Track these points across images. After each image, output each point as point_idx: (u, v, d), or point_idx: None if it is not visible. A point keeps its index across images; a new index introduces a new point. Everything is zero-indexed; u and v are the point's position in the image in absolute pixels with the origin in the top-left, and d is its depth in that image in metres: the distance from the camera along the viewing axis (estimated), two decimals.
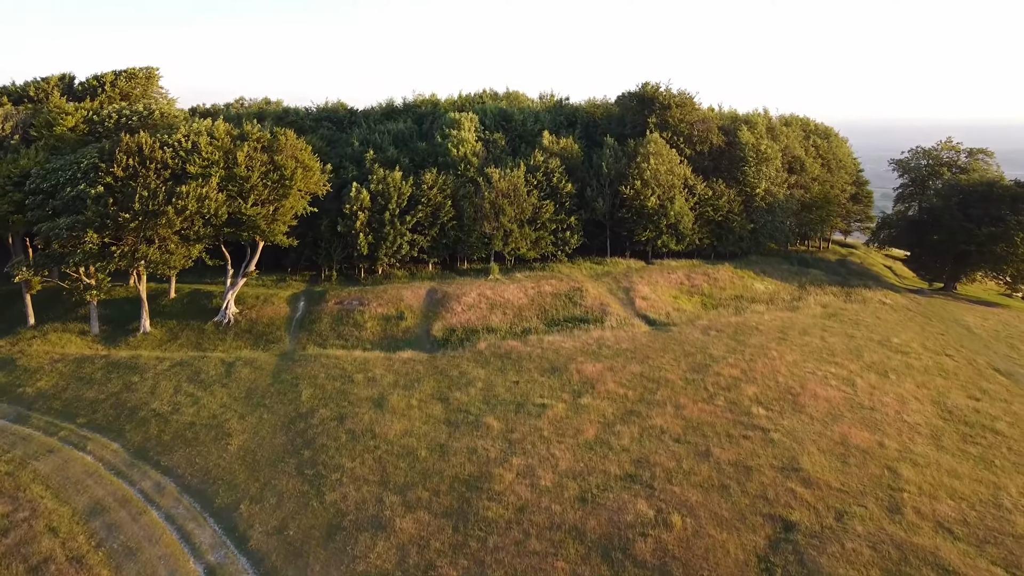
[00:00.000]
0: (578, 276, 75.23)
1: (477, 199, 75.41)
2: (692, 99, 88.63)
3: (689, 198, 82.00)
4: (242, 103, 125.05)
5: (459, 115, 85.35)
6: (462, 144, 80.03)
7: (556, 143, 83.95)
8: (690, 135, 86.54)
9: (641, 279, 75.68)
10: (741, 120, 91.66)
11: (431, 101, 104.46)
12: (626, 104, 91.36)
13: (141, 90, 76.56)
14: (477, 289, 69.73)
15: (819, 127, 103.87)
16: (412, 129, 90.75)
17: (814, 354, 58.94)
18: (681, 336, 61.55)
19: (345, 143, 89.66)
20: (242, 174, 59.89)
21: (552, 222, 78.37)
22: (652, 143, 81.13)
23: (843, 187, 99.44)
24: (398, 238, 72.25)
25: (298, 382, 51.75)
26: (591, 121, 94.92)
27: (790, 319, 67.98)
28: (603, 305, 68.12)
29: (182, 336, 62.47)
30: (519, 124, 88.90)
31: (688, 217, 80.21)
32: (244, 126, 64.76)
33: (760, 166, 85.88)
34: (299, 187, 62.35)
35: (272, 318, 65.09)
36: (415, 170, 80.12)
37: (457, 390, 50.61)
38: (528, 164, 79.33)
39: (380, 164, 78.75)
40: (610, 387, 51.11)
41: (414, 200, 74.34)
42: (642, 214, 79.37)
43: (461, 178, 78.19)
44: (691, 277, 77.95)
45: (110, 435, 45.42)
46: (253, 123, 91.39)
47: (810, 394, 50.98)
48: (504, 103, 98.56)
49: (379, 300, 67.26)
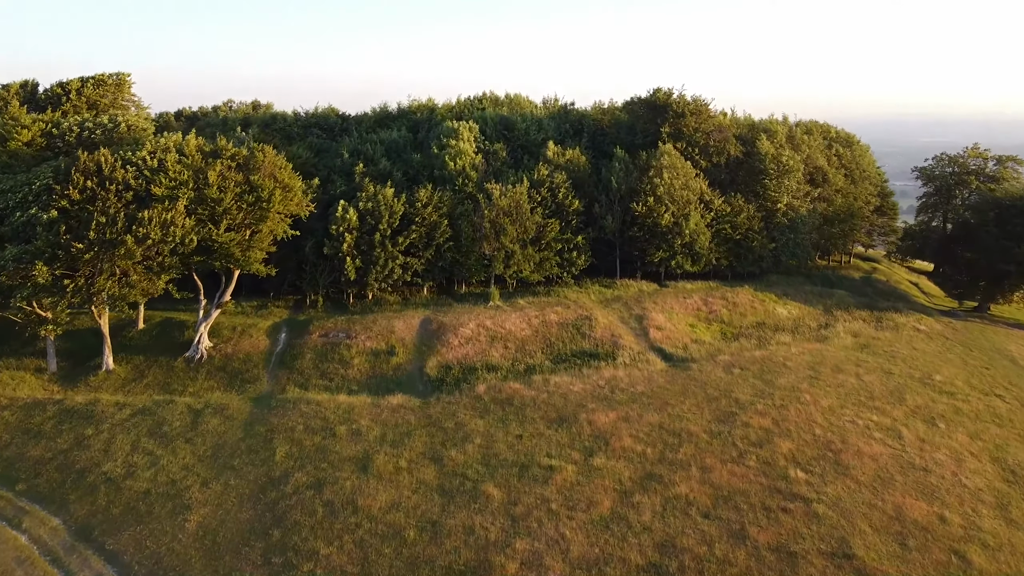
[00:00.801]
0: (586, 302, 69.09)
1: (476, 218, 69.27)
2: (707, 106, 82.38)
3: (705, 214, 75.83)
4: (230, 106, 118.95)
5: (457, 124, 79.19)
6: (460, 156, 73.88)
7: (561, 155, 77.78)
8: (706, 145, 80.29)
9: (655, 305, 69.55)
10: (759, 128, 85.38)
11: (427, 107, 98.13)
12: (636, 112, 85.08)
13: (111, 98, 70.18)
14: (476, 319, 63.62)
15: (841, 134, 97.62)
16: (406, 138, 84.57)
17: (851, 397, 52.89)
18: (702, 376, 55.46)
19: (334, 154, 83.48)
20: (213, 196, 53.77)
21: (557, 242, 72.22)
22: (666, 155, 74.90)
23: (867, 199, 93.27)
24: (389, 261, 66.11)
25: (273, 436, 45.68)
26: (598, 129, 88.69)
27: (820, 352, 61.86)
28: (614, 337, 62.01)
29: (149, 375, 56.43)
30: (521, 133, 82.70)
31: (704, 236, 74.02)
32: (218, 141, 58.51)
33: (781, 179, 79.68)
34: (278, 209, 56.18)
35: (249, 353, 58.99)
36: (408, 185, 74.01)
37: (452, 447, 44.55)
38: (531, 178, 73.17)
39: (371, 178, 72.59)
40: (626, 442, 45.05)
41: (407, 219, 68.18)
42: (655, 233, 73.18)
43: (459, 194, 72.03)
44: (708, 302, 71.82)
45: (52, 507, 39.43)
46: (232, 134, 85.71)
47: (853, 451, 44.92)
48: (505, 109, 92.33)
49: (368, 332, 61.15)
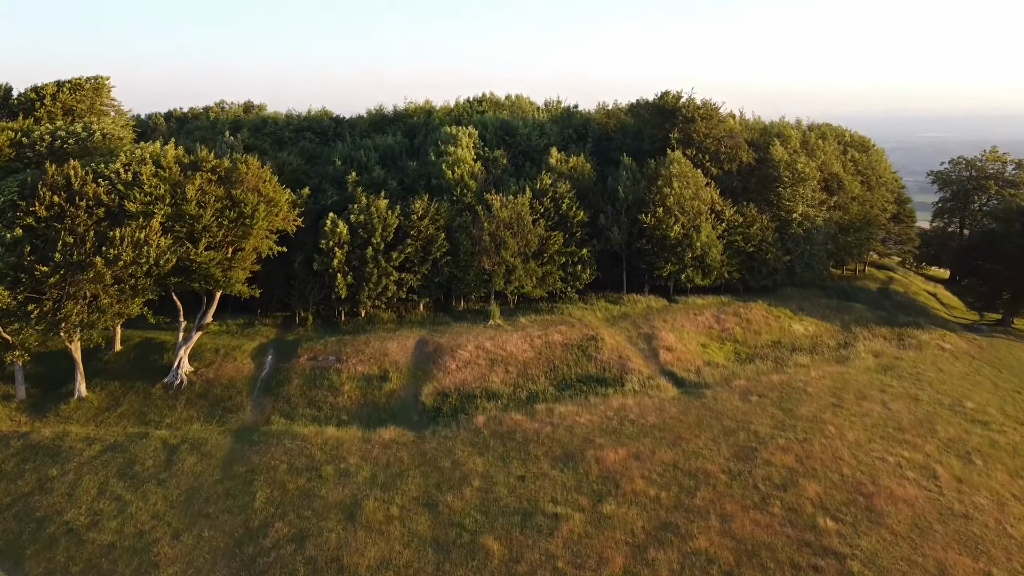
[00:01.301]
0: (591, 320, 65.28)
1: (475, 230, 65.40)
2: (718, 110, 78.43)
3: (716, 225, 71.91)
4: (222, 107, 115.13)
5: (455, 129, 75.23)
6: (458, 164, 69.96)
7: (565, 162, 73.84)
8: (716, 152, 76.33)
9: (664, 323, 65.71)
10: (772, 133, 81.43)
11: (424, 109, 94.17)
12: (643, 116, 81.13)
13: (88, 103, 66.22)
14: (475, 339, 59.81)
15: (856, 138, 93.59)
16: (402, 144, 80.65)
17: (879, 429, 49.13)
18: (717, 404, 51.68)
19: (326, 160, 79.60)
20: (192, 212, 49.92)
21: (561, 255, 68.34)
22: (675, 163, 70.95)
23: (883, 206, 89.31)
24: (383, 278, 62.25)
25: (253, 478, 41.92)
26: (603, 134, 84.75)
27: (841, 376, 58.08)
28: (622, 359, 58.22)
29: (124, 403, 52.68)
30: (523, 139, 78.75)
31: (716, 248, 70.11)
32: (199, 151, 54.62)
33: (796, 187, 75.75)
34: (262, 226, 52.33)
35: (233, 378, 55.22)
36: (404, 195, 70.14)
37: (449, 491, 40.81)
38: (533, 188, 69.24)
39: (364, 188, 68.71)
40: (638, 484, 41.32)
41: (402, 232, 64.31)
42: (664, 245, 69.28)
43: (457, 204, 68.14)
44: (720, 319, 67.99)
45: (7, 563, 35.79)
46: (221, 139, 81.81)
47: (886, 494, 41.17)
48: (506, 112, 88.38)
49: (359, 355, 57.36)
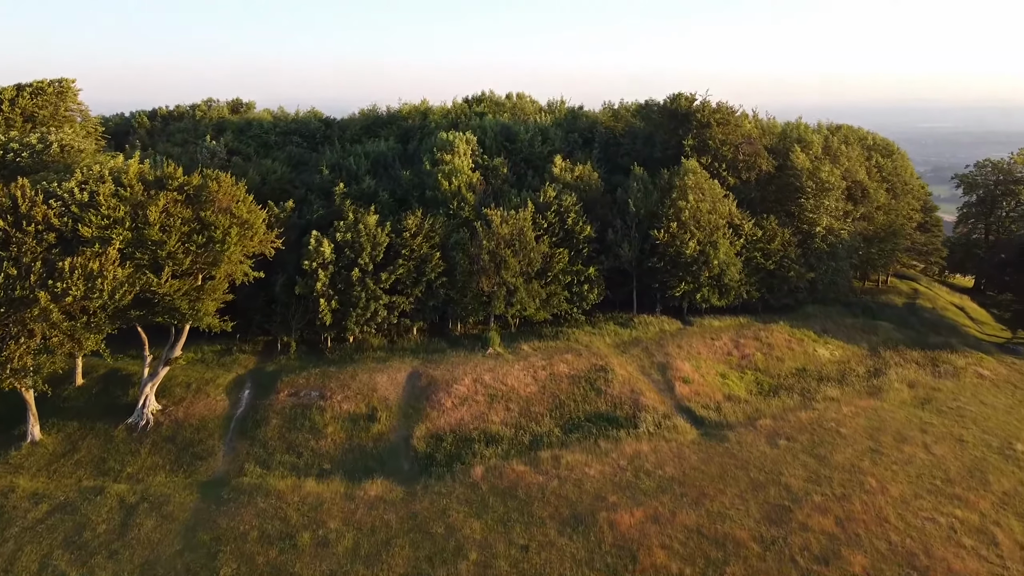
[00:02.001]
0: (600, 347, 59.91)
1: (473, 248, 59.97)
2: (735, 113, 72.79)
3: (734, 241, 66.43)
4: (209, 104, 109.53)
5: (452, 135, 69.67)
6: (455, 175, 64.44)
7: (570, 171, 68.33)
8: (734, 160, 70.78)
9: (679, 349, 60.36)
10: (791, 138, 75.80)
11: (420, 111, 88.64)
12: (654, 120, 75.50)
13: (51, 109, 60.64)
14: (473, 371, 54.51)
15: (879, 141, 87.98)
16: (395, 150, 75.10)
17: (925, 480, 43.90)
18: (742, 450, 46.41)
19: (314, 168, 74.13)
20: (155, 237, 44.50)
21: (566, 274, 62.92)
22: (690, 173, 65.40)
23: (909, 214, 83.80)
24: (371, 302, 56.86)
25: (219, 549, 36.69)
26: (611, 138, 79.21)
27: (876, 412, 52.82)
28: (634, 394, 52.93)
29: (82, 447, 47.40)
30: (525, 145, 73.15)
31: (735, 266, 64.65)
32: (164, 167, 49.10)
33: (820, 197, 70.21)
34: (235, 251, 46.90)
35: (205, 418, 49.93)
36: (396, 207, 64.68)
37: (442, 565, 35.65)
38: (536, 201, 63.75)
39: (352, 200, 63.27)
40: (658, 557, 36.14)
41: (393, 251, 58.89)
42: (678, 263, 63.84)
43: (453, 219, 62.67)
44: (740, 344, 62.60)
45: None
46: (202, 143, 76.22)
47: (943, 569, 35.97)
48: (507, 115, 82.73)
49: (345, 390, 52.04)
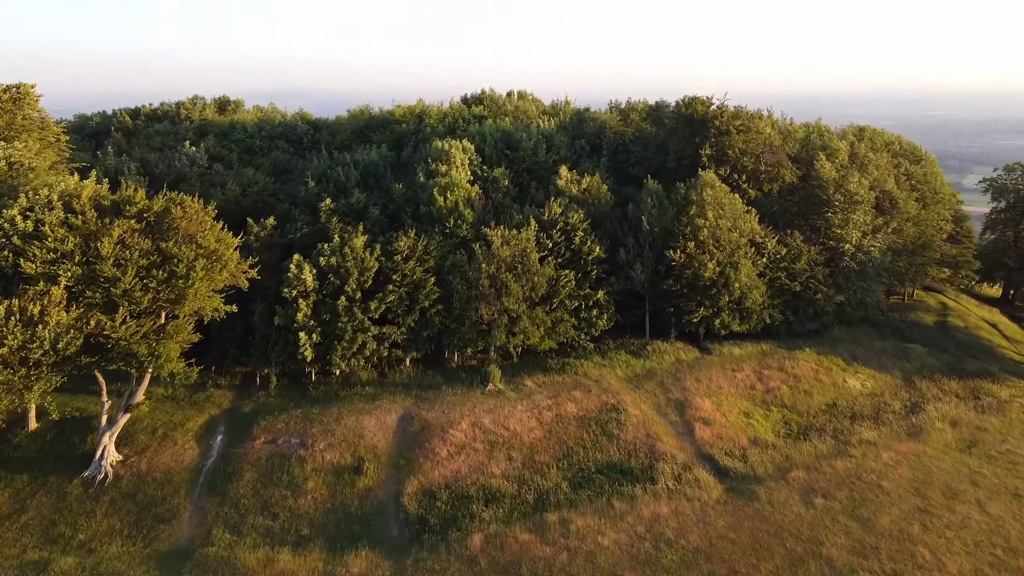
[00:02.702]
0: (611, 381, 54.55)
1: (471, 272, 54.51)
2: (756, 119, 67.06)
3: (757, 260, 60.90)
4: (195, 102, 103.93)
5: (448, 144, 64.05)
6: (451, 189, 58.88)
7: (577, 183, 62.73)
8: (755, 170, 65.13)
9: (697, 383, 54.98)
10: (816, 146, 70.06)
11: (414, 112, 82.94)
12: (667, 125, 69.76)
13: (6, 119, 54.97)
14: (471, 413, 49.20)
15: (907, 146, 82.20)
16: (387, 159, 69.50)
17: (984, 550, 38.65)
18: (775, 512, 41.11)
19: (299, 177, 68.64)
20: (108, 273, 39.09)
21: (573, 299, 57.47)
22: (709, 188, 59.77)
23: (939, 225, 78.21)
24: (359, 334, 51.48)
25: None
26: (620, 144, 73.56)
27: (919, 459, 47.55)
28: (650, 439, 47.63)
29: (31, 506, 42.17)
30: (527, 154, 67.50)
31: (758, 290, 59.15)
32: (122, 189, 43.57)
33: (848, 211, 64.60)
34: (201, 287, 41.48)
35: (170, 471, 44.67)
36: (388, 224, 59.23)
37: None
38: (541, 217, 58.22)
39: (340, 216, 57.84)
40: None
41: (383, 276, 53.47)
42: (696, 287, 58.35)
43: (450, 239, 57.18)
44: (763, 375, 57.22)
45: None
46: (180, 149, 70.65)
47: None
48: (508, 119, 77.00)
49: (329, 436, 46.73)
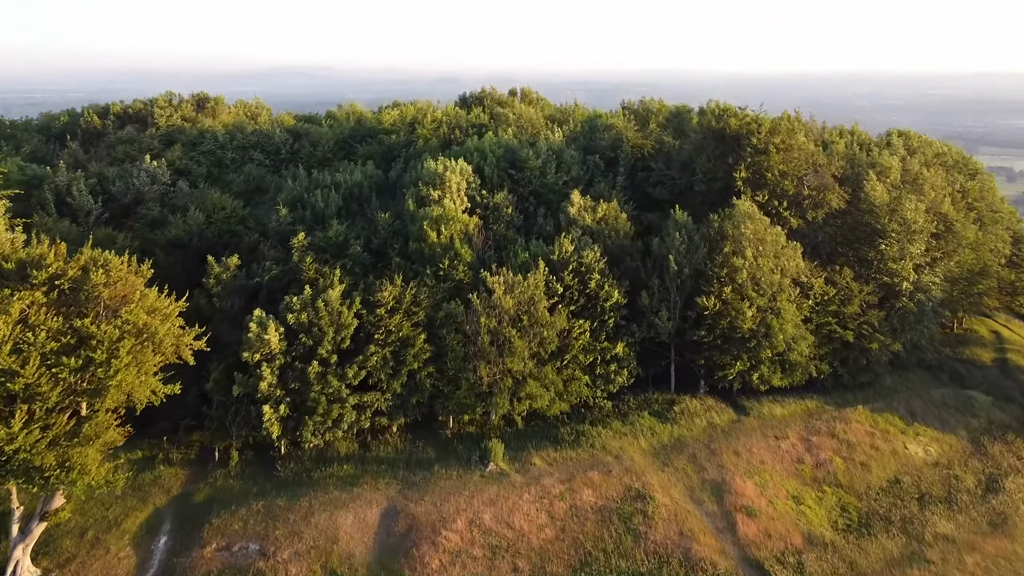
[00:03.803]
0: (634, 456, 46.23)
1: (469, 325, 46.06)
2: (798, 134, 58.06)
3: (801, 302, 52.35)
4: (171, 99, 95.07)
5: (443, 164, 55.26)
6: (446, 222, 50.25)
7: (591, 210, 54.01)
8: (797, 195, 56.31)
9: (736, 457, 46.63)
10: (863, 163, 61.04)
11: (405, 120, 74.07)
12: (694, 140, 60.72)
13: None
14: (468, 505, 40.96)
15: (958, 157, 73.12)
16: (373, 179, 60.77)
17: None
18: None
19: (273, 197, 60.05)
20: (4, 365, 30.69)
21: (588, 353, 49.07)
22: (747, 220, 51.01)
23: (997, 247, 69.38)
24: (335, 406, 43.15)
25: None
26: (639, 159, 64.66)
27: (1010, 565, 39.37)
28: (684, 539, 39.42)
29: None
30: (534, 174, 58.71)
31: (805, 341, 50.64)
32: (33, 245, 34.99)
33: (905, 242, 55.88)
34: (127, 376, 33.04)
35: None
36: (373, 263, 50.79)
37: None
38: (550, 258, 49.62)
39: (316, 253, 49.36)
40: None
41: (364, 333, 45.06)
42: (731, 338, 49.83)
43: (443, 282, 48.62)
44: (811, 443, 48.88)
45: None
46: (140, 166, 61.93)
47: None
48: (512, 129, 67.97)
49: (295, 541, 38.53)
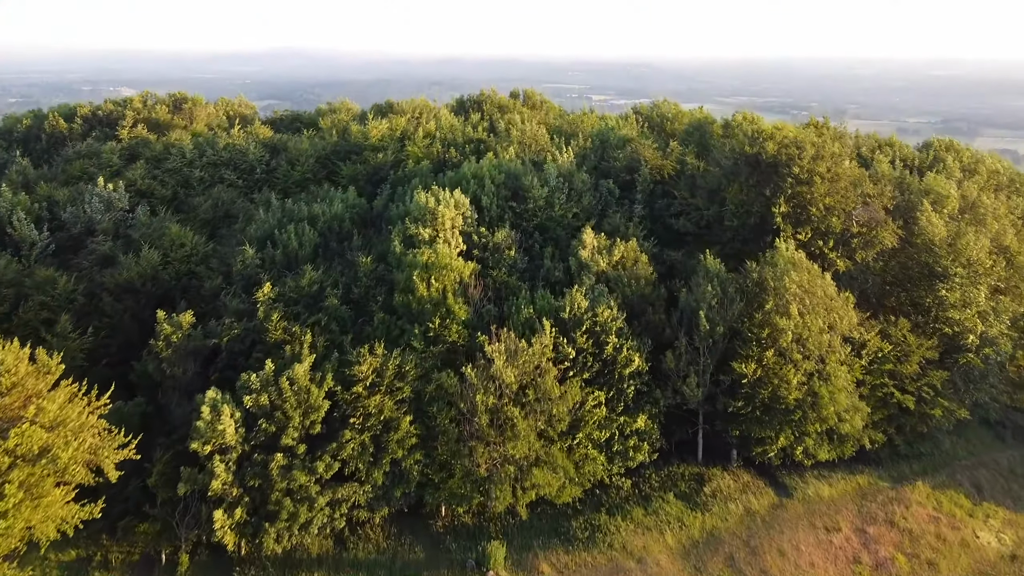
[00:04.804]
0: (660, 557, 39.01)
1: (464, 402, 38.64)
2: (846, 160, 50.22)
3: (853, 361, 44.90)
4: (145, 101, 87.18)
5: (435, 197, 47.47)
6: (438, 272, 42.60)
7: (606, 252, 46.33)
8: (844, 232, 48.60)
9: (781, 559, 39.40)
10: (917, 191, 53.19)
11: (394, 136, 65.93)
12: (725, 165, 52.79)
13: None
14: None
15: (1009, 172, 65.13)
16: (355, 209, 53.02)
17: None
18: None
19: (241, 231, 52.33)
20: None
21: (604, 428, 41.69)
22: (791, 269, 43.32)
23: None
24: (302, 508, 35.83)
25: None
26: (657, 182, 56.85)
27: None
28: None
29: None
30: (539, 205, 50.92)
31: (860, 414, 43.15)
32: None
33: (969, 285, 48.33)
34: (17, 522, 25.73)
35: None
36: (352, 318, 43.30)
37: None
38: (559, 315, 42.04)
39: (284, 307, 41.91)
40: None
41: (339, 413, 37.64)
42: (773, 410, 42.44)
43: (434, 344, 41.05)
44: (867, 536, 41.66)
45: None
46: (92, 190, 53.97)
47: None
48: (514, 147, 60.02)
49: None
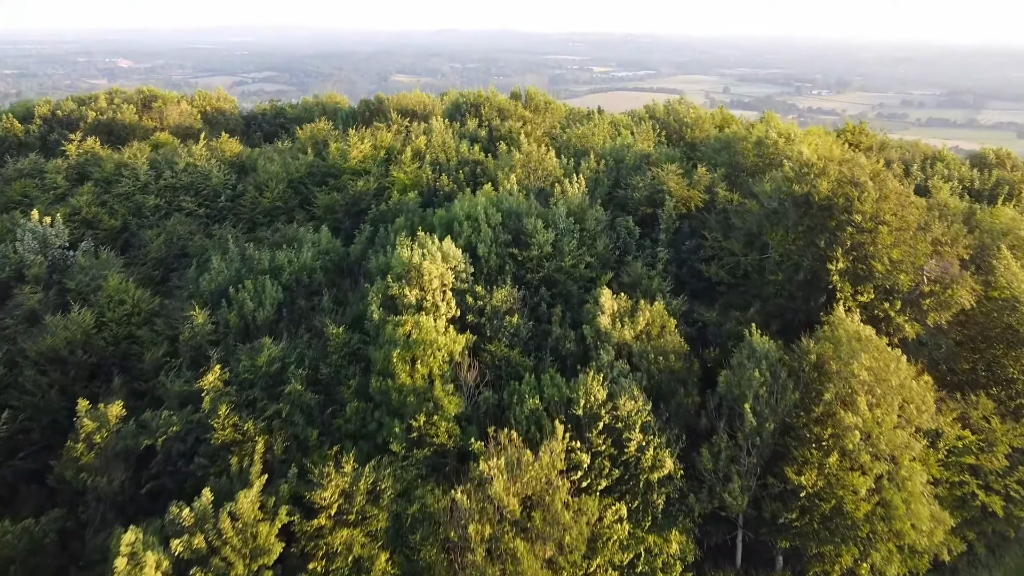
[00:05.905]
0: None
1: (455, 529, 31.00)
2: (916, 206, 41.89)
3: (928, 455, 37.07)
4: (111, 99, 79.30)
5: (419, 252, 39.26)
6: (423, 351, 34.62)
7: (628, 318, 38.27)
8: (914, 292, 40.41)
9: None
10: (992, 232, 44.91)
11: (378, 157, 57.35)
12: (768, 205, 44.29)
13: None
14: None
15: None
16: (328, 257, 44.88)
17: None
18: None
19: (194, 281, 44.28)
20: None
21: (626, 548, 34.06)
22: (859, 350, 35.20)
23: None
24: None
25: None
26: (684, 218, 48.48)
27: None
28: None
29: None
30: (545, 252, 42.69)
31: (943, 527, 35.38)
32: None
33: None
34: None
35: None
36: (320, 407, 35.51)
37: None
38: (572, 410, 34.15)
39: (233, 400, 34.19)
40: None
41: (297, 550, 30.02)
42: (836, 525, 34.71)
43: (419, 447, 33.29)
44: None
45: None
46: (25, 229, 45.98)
47: None
48: (518, 170, 51.48)
49: None
